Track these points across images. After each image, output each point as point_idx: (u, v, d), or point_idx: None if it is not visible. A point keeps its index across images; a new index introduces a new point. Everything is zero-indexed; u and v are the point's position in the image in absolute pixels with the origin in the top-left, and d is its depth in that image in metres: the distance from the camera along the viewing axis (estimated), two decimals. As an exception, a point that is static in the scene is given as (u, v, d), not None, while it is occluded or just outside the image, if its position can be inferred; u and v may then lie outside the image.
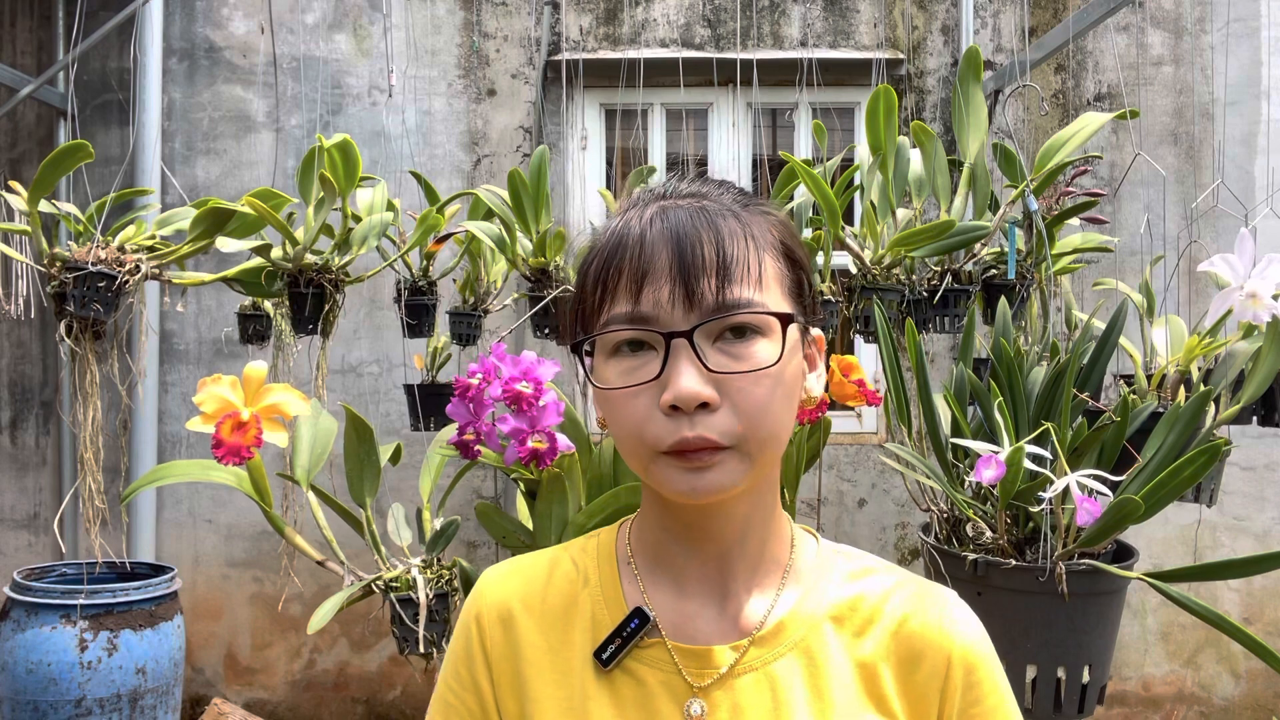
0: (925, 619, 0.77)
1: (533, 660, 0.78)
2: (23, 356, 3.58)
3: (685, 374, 0.68)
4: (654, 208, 0.75)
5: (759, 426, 0.70)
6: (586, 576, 0.81)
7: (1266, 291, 1.65)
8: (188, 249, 2.00)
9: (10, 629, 2.64)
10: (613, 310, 0.72)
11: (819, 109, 3.56)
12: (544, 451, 1.68)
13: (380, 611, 1.82)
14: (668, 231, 0.71)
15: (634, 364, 0.71)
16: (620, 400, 0.71)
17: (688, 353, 0.69)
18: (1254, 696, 3.52)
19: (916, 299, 2.08)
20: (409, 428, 2.61)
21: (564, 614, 0.80)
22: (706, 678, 0.75)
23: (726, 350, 0.70)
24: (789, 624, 0.77)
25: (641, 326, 0.70)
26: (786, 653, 0.76)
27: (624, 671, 0.76)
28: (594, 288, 0.74)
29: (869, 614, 0.78)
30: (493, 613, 0.81)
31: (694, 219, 0.72)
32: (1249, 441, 3.29)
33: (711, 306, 0.70)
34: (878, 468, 3.50)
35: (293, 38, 3.54)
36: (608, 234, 0.75)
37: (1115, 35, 3.54)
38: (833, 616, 0.77)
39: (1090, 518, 1.53)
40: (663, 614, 0.78)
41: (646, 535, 0.81)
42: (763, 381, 0.70)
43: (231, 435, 1.60)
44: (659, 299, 0.70)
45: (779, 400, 0.71)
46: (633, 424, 0.71)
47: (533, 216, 2.13)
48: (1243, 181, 3.45)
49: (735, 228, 0.72)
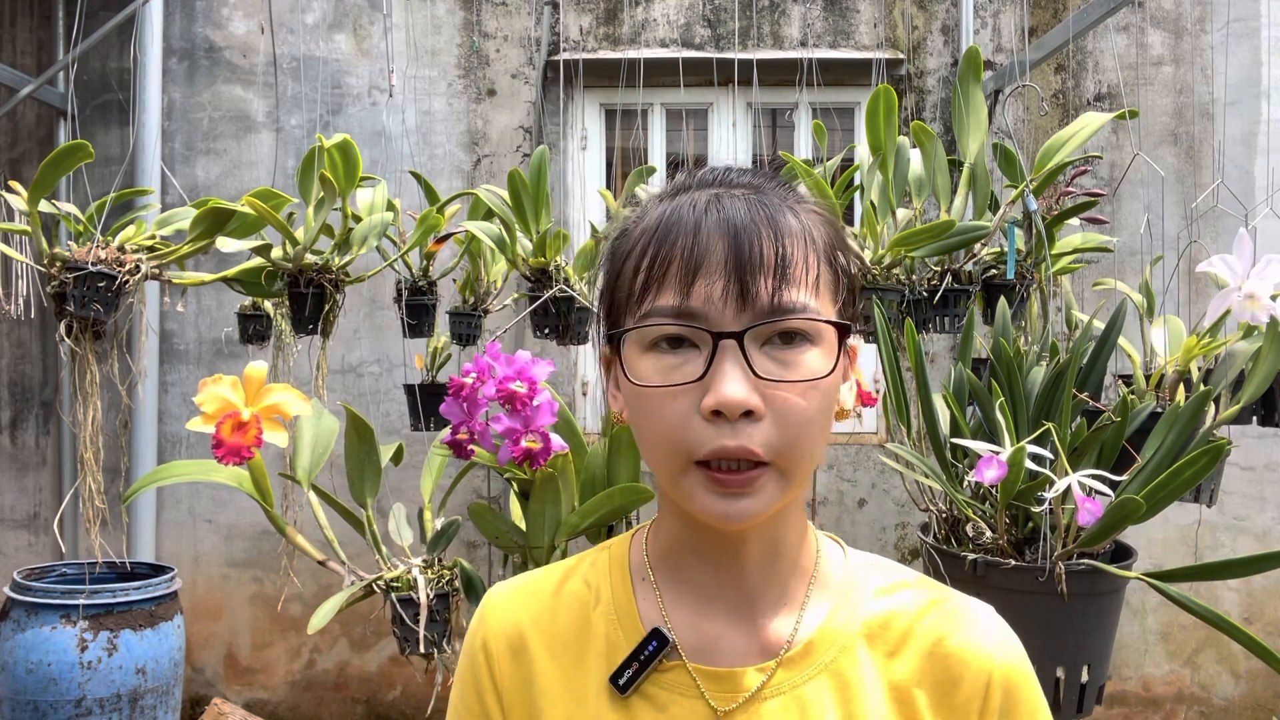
0: (964, 639, 0.72)
1: (545, 689, 0.74)
2: (23, 356, 3.58)
3: (732, 378, 0.63)
4: (707, 194, 0.69)
5: (801, 441, 0.65)
6: (599, 594, 0.76)
7: (1265, 292, 1.65)
8: (188, 249, 2.00)
9: (10, 629, 2.64)
10: (657, 301, 0.66)
11: (819, 109, 3.56)
12: (538, 451, 1.69)
13: (381, 611, 1.82)
14: (725, 223, 0.66)
15: (674, 362, 0.66)
16: (656, 400, 0.66)
17: (736, 356, 0.64)
18: (1254, 696, 3.52)
19: (916, 299, 2.08)
20: (409, 428, 2.61)
21: (576, 637, 0.75)
22: (731, 701, 0.70)
23: (775, 356, 0.65)
24: (819, 644, 0.72)
25: (689, 323, 0.65)
26: (817, 675, 0.71)
27: (642, 697, 0.71)
28: (635, 273, 0.68)
29: (902, 633, 0.73)
30: (501, 640, 0.76)
31: (752, 212, 0.67)
32: (1249, 441, 3.29)
33: (766, 308, 0.65)
34: (878, 468, 3.50)
35: (293, 38, 3.54)
36: (655, 217, 0.69)
37: (1115, 35, 3.54)
38: (865, 635, 0.73)
39: (1092, 518, 1.53)
40: (683, 634, 0.73)
41: (664, 548, 0.76)
42: (811, 394, 0.65)
43: (232, 435, 1.60)
44: (711, 295, 0.65)
45: (824, 414, 0.67)
46: (668, 427, 0.65)
47: (533, 216, 2.13)
48: (1243, 181, 3.45)
49: (794, 226, 0.68)
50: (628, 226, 0.73)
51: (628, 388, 0.68)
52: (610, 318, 0.72)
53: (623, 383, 0.69)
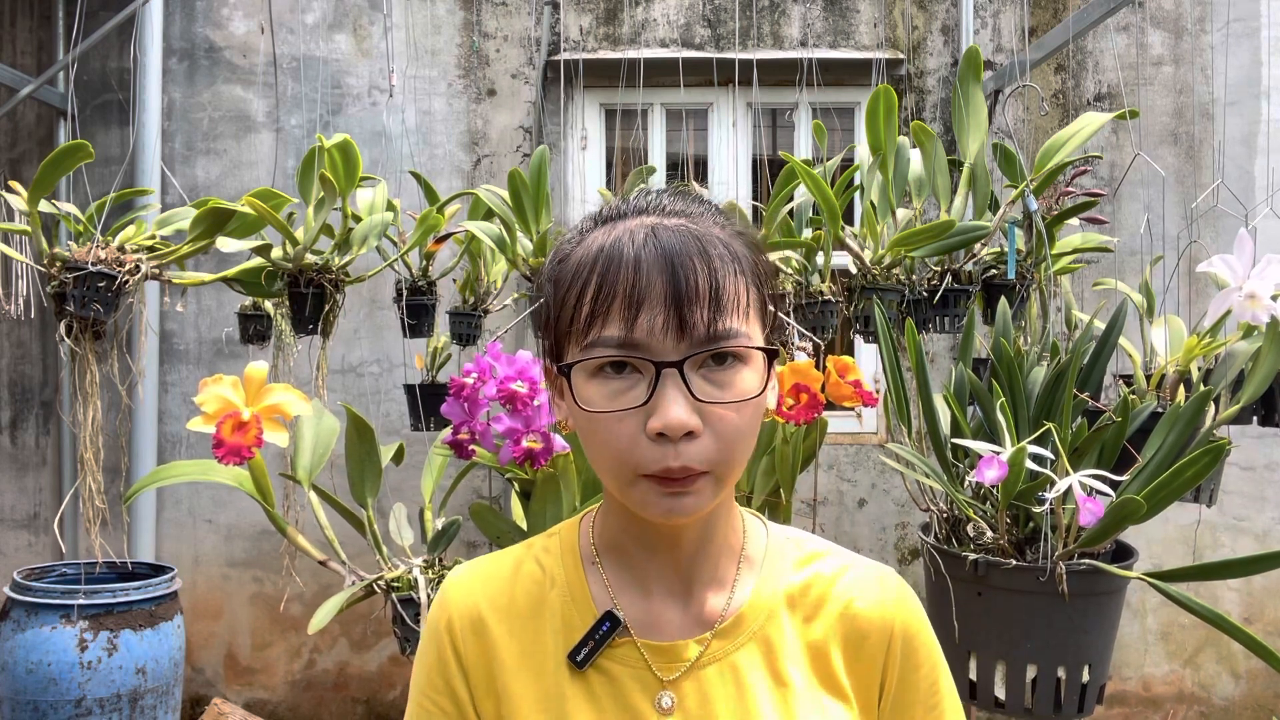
0: (870, 599, 0.82)
1: (506, 662, 0.80)
2: (23, 356, 3.58)
3: (675, 404, 0.70)
4: (643, 226, 0.74)
5: (735, 452, 0.73)
6: (553, 578, 0.83)
7: (1265, 292, 1.65)
8: (188, 249, 2.00)
9: (10, 629, 2.64)
10: (603, 332, 0.72)
11: (819, 109, 3.56)
12: (539, 451, 1.68)
13: (380, 611, 1.82)
14: (661, 258, 0.71)
15: (619, 386, 0.72)
16: (604, 423, 0.72)
17: (676, 382, 0.70)
18: (1254, 696, 3.52)
19: (916, 299, 2.08)
20: (409, 428, 2.61)
21: (533, 614, 0.82)
22: (674, 671, 0.79)
23: (710, 378, 0.72)
24: (748, 614, 0.81)
25: (632, 354, 0.71)
26: (746, 642, 0.80)
27: (596, 670, 0.79)
28: (578, 303, 0.73)
29: (818, 597, 0.82)
30: (463, 618, 0.82)
31: (686, 245, 0.72)
32: (1249, 441, 3.29)
33: (703, 337, 0.71)
34: (878, 468, 3.50)
35: (293, 38, 3.54)
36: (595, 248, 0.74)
37: (1115, 35, 3.54)
38: (787, 603, 0.82)
39: (1093, 518, 1.53)
40: (630, 613, 0.81)
41: (610, 538, 0.83)
42: (744, 410, 0.72)
43: (232, 435, 1.60)
44: (653, 327, 0.70)
45: (753, 425, 0.74)
46: (617, 448, 0.72)
47: (533, 216, 2.13)
48: (1243, 181, 3.45)
49: (725, 254, 0.73)
50: (566, 252, 0.78)
51: (576, 411, 0.74)
52: (552, 339, 0.78)
53: (571, 405, 0.75)
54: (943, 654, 0.85)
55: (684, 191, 0.80)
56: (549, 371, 0.81)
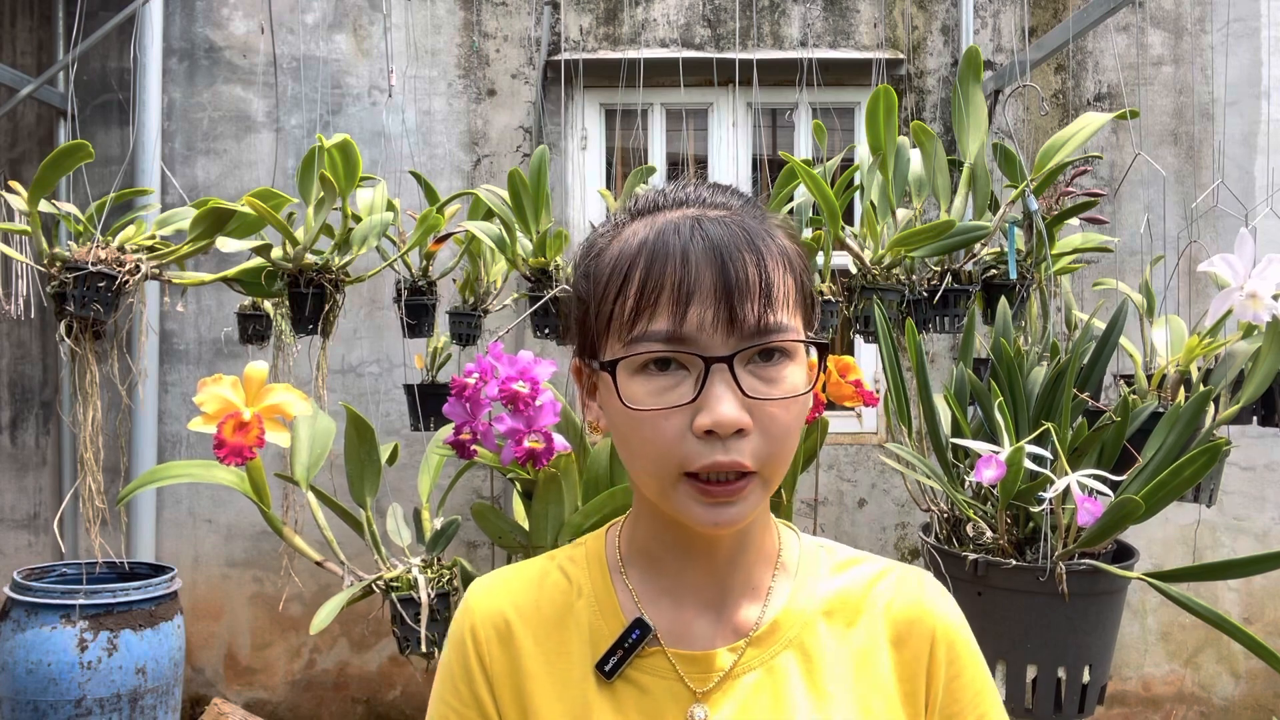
0: (907, 601, 0.80)
1: (532, 671, 0.78)
2: (23, 356, 3.58)
3: (724, 400, 0.67)
4: (687, 219, 0.72)
5: (783, 451, 0.71)
6: (580, 587, 0.81)
7: (1266, 291, 1.65)
8: (188, 249, 2.00)
9: (10, 629, 2.64)
10: (650, 326, 0.69)
11: (819, 109, 3.56)
12: (540, 452, 1.68)
13: (380, 611, 1.82)
14: (710, 251, 0.69)
15: (665, 383, 0.69)
16: (649, 421, 0.69)
17: (726, 378, 0.68)
18: (1254, 696, 3.52)
19: (916, 299, 2.08)
20: (409, 428, 2.61)
21: (559, 624, 0.79)
22: (707, 682, 0.75)
23: (758, 374, 0.70)
24: (783, 622, 0.78)
25: (681, 349, 0.68)
26: (783, 650, 0.77)
27: (625, 680, 0.76)
28: (620, 297, 0.70)
29: (856, 603, 0.80)
30: (488, 625, 0.80)
31: (734, 237, 0.70)
32: (1249, 441, 3.29)
33: (752, 331, 0.69)
34: (878, 468, 3.50)
35: (293, 38, 3.54)
36: (637, 241, 0.72)
37: (1115, 35, 3.54)
38: (824, 611, 0.79)
39: (1091, 518, 1.53)
40: (660, 622, 0.78)
41: (640, 545, 0.80)
42: (792, 407, 0.70)
43: (233, 435, 1.60)
44: (702, 321, 0.68)
45: (799, 423, 0.72)
46: (662, 445, 0.69)
47: (533, 216, 2.13)
48: (1243, 181, 3.45)
49: (771, 247, 0.71)
50: (603, 245, 0.75)
51: (619, 408, 0.71)
52: (586, 336, 0.75)
53: (611, 403, 0.72)
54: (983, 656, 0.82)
55: (719, 184, 0.78)
56: (579, 370, 0.78)
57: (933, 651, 0.78)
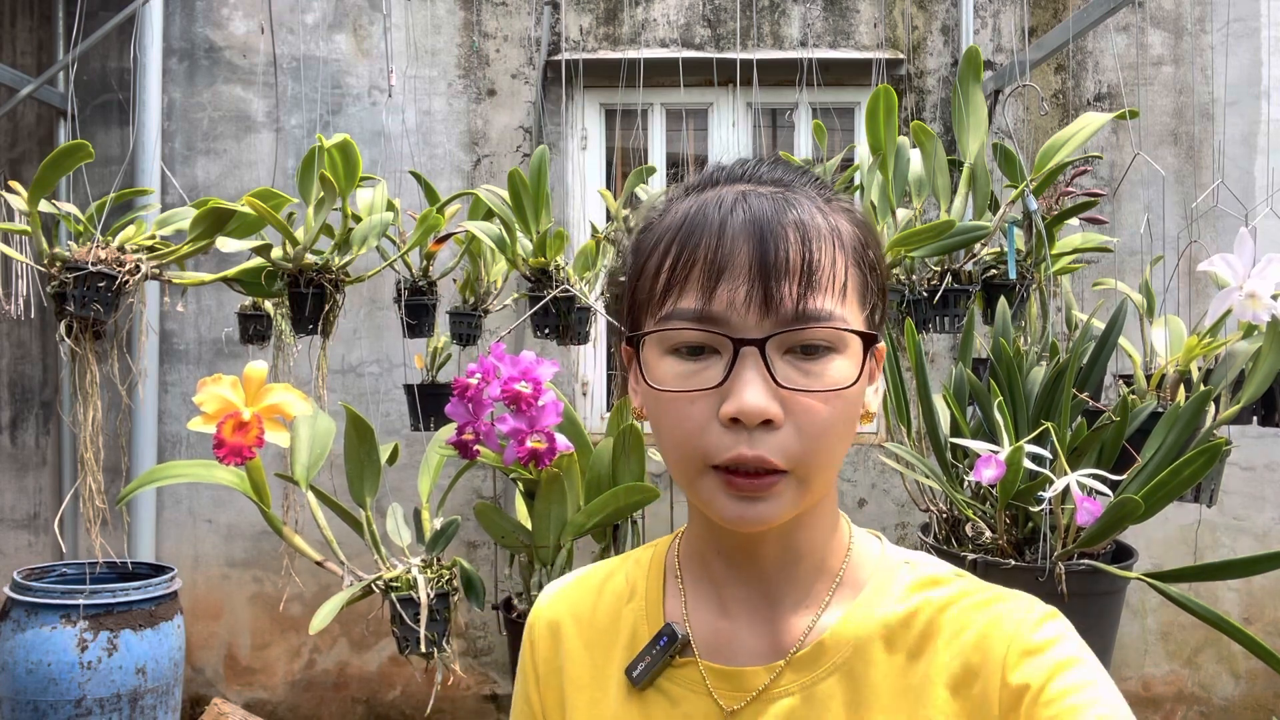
0: (989, 635, 0.66)
1: (574, 676, 0.76)
2: (23, 356, 3.58)
3: (752, 386, 0.61)
4: (733, 192, 0.66)
5: (820, 450, 0.64)
6: (634, 590, 0.77)
7: (1266, 291, 1.65)
8: (188, 249, 2.00)
9: (10, 629, 2.64)
10: (679, 304, 0.64)
11: (819, 109, 3.56)
12: (543, 451, 1.69)
13: (380, 611, 1.82)
14: (750, 224, 0.63)
15: (694, 367, 0.64)
16: (674, 404, 0.64)
17: (757, 363, 0.62)
18: (1254, 696, 3.52)
19: (916, 299, 2.08)
20: (409, 428, 2.61)
21: (609, 629, 0.76)
22: (738, 701, 0.69)
23: (797, 365, 0.63)
24: (830, 645, 0.69)
25: (709, 328, 0.63)
26: (827, 676, 0.68)
27: (658, 691, 0.72)
28: (656, 273, 0.66)
29: (924, 629, 0.68)
30: (544, 626, 0.79)
31: (779, 212, 0.64)
32: (1249, 441, 3.29)
33: (790, 315, 0.62)
34: (878, 468, 3.50)
35: (293, 38, 3.54)
36: (680, 213, 0.67)
37: (1115, 35, 3.54)
38: (884, 636, 0.69)
39: (1091, 518, 1.53)
40: (700, 632, 0.72)
41: (692, 549, 0.76)
42: (833, 403, 0.63)
43: (233, 435, 1.60)
44: (734, 300, 0.62)
45: (844, 423, 0.65)
46: (685, 432, 0.64)
47: (533, 216, 2.13)
48: (1243, 181, 3.45)
49: (823, 226, 0.65)
50: (651, 220, 0.70)
51: (646, 389, 0.67)
52: (632, 315, 0.70)
53: (642, 385, 0.68)
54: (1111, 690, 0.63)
55: (786, 162, 0.71)
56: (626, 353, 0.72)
57: (1007, 705, 0.63)
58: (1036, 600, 0.70)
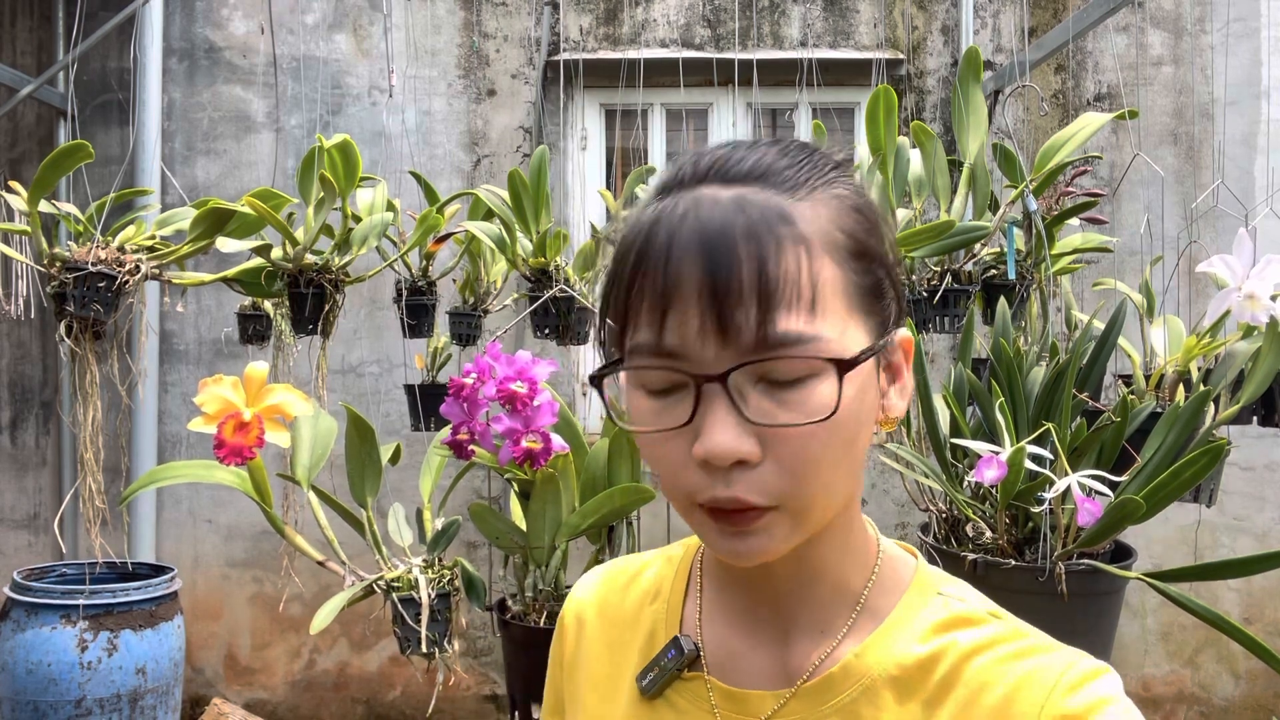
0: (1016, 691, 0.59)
1: (590, 671, 0.74)
2: (23, 356, 3.58)
3: (719, 426, 0.55)
4: (690, 198, 0.58)
5: (807, 483, 0.57)
6: (659, 590, 0.73)
7: (1265, 292, 1.65)
8: (188, 249, 2.00)
9: (10, 629, 2.64)
10: (636, 337, 0.57)
11: (819, 109, 3.56)
12: (538, 452, 1.68)
13: (381, 611, 1.82)
14: (697, 239, 0.55)
15: (663, 403, 0.58)
16: (650, 443, 0.59)
17: (722, 399, 0.55)
18: (1254, 696, 3.52)
19: (916, 299, 2.08)
20: (409, 428, 2.61)
21: (629, 628, 0.73)
22: None
23: (772, 394, 0.56)
24: (838, 680, 0.63)
25: (668, 364, 0.56)
26: (830, 716, 0.63)
27: (665, 702, 0.68)
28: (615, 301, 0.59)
29: (945, 678, 0.61)
30: (572, 617, 0.77)
31: (730, 220, 0.55)
32: (1249, 441, 3.29)
33: (750, 344, 0.55)
34: (878, 468, 3.50)
35: (293, 38, 3.54)
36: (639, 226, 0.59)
37: (1115, 35, 3.54)
38: (897, 679, 0.62)
39: (1091, 518, 1.53)
40: (712, 647, 0.68)
41: (712, 559, 0.71)
42: (819, 431, 0.56)
43: (234, 436, 1.60)
44: (686, 330, 0.55)
45: (836, 451, 0.57)
46: (665, 470, 0.59)
47: (533, 217, 2.13)
48: (1243, 181, 3.45)
49: (784, 231, 0.56)
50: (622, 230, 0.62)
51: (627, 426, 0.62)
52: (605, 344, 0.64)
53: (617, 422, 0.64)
54: None
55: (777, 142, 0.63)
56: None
57: None
58: (1083, 654, 0.62)
